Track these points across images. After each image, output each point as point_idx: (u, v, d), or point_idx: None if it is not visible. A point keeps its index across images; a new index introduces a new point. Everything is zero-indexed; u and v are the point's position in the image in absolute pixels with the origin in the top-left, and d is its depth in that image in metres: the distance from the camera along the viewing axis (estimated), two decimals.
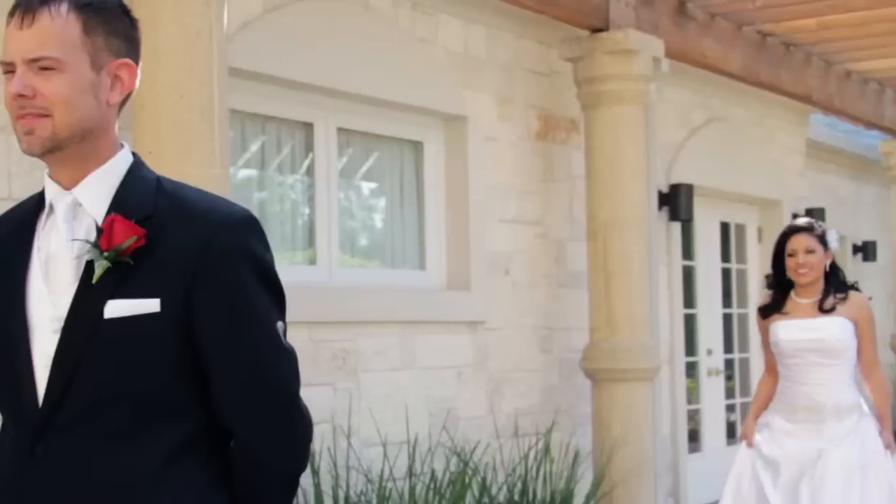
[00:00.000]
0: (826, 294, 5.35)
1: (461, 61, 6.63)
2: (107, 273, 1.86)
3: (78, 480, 1.86)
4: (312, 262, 6.00)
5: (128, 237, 1.85)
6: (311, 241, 6.03)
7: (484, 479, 5.95)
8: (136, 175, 1.96)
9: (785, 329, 5.36)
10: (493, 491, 6.11)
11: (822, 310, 5.31)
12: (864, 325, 5.33)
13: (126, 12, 1.97)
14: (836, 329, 5.28)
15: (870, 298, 5.41)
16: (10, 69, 1.89)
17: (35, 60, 1.86)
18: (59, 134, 1.88)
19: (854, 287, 5.45)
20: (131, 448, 1.86)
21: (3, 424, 2.00)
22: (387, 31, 6.16)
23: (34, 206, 1.99)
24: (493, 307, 6.67)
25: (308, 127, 6.00)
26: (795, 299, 5.40)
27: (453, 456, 6.11)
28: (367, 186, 6.51)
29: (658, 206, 7.95)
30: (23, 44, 1.87)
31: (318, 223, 6.00)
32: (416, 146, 6.61)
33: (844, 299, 5.33)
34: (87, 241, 1.88)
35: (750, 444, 5.40)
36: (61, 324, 1.88)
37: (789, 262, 5.36)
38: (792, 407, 5.34)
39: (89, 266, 1.87)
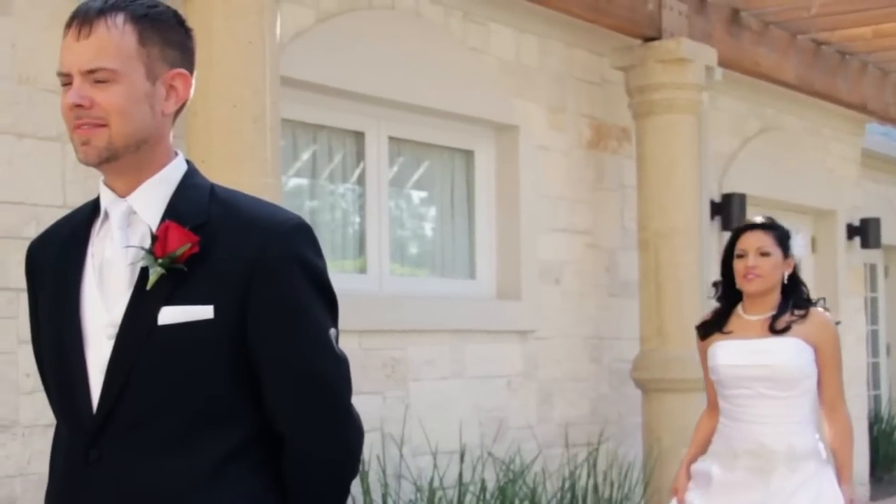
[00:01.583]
0: (781, 310, 4.20)
1: (512, 70, 6.62)
2: (161, 280, 1.87)
3: (131, 486, 1.87)
4: (363, 270, 6.02)
5: (182, 244, 1.87)
6: (361, 249, 6.05)
7: (533, 490, 5.93)
8: (190, 183, 1.98)
9: (725, 351, 4.22)
10: (543, 501, 6.09)
11: (774, 329, 4.17)
12: (827, 350, 4.18)
13: (181, 22, 1.99)
14: (789, 353, 4.13)
15: (837, 323, 4.27)
16: (67, 80, 1.91)
17: (92, 72, 1.88)
18: (115, 144, 1.90)
19: (818, 304, 4.31)
20: (184, 454, 1.88)
21: (57, 428, 2.02)
22: (438, 40, 6.18)
23: (89, 213, 2.01)
24: (543, 316, 6.65)
25: (359, 136, 6.02)
26: (742, 315, 4.27)
27: (503, 465, 6.10)
28: (417, 195, 6.52)
29: (710, 216, 7.89)
30: (80, 55, 1.89)
31: (368, 232, 6.02)
32: (467, 155, 6.61)
33: (803, 317, 4.19)
34: (142, 248, 1.90)
35: (680, 502, 4.30)
36: (116, 330, 1.89)
37: (737, 265, 4.25)
38: (732, 451, 4.20)
39: (143, 273, 1.89)
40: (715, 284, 4.41)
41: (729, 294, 4.32)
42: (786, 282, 4.25)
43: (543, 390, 6.68)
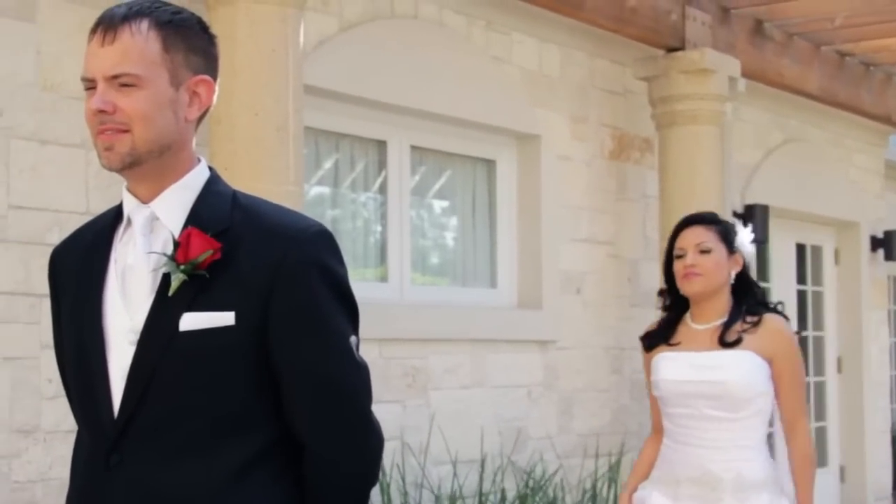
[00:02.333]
0: (732, 318, 3.70)
1: (535, 80, 6.62)
2: (183, 286, 1.88)
3: (151, 491, 1.88)
4: (384, 279, 6.02)
5: (204, 251, 1.87)
6: (382, 258, 6.05)
7: (553, 500, 5.92)
8: (213, 189, 1.98)
9: (669, 365, 3.73)
10: None
11: (724, 342, 3.66)
12: (784, 362, 3.65)
13: (205, 29, 1.99)
14: (741, 369, 3.62)
15: (798, 332, 3.97)
16: (91, 85, 1.92)
17: (115, 77, 1.89)
18: (139, 149, 1.90)
19: (775, 309, 3.80)
20: (204, 460, 1.88)
21: (78, 433, 2.02)
22: (461, 49, 6.18)
23: (112, 219, 2.01)
24: (564, 326, 6.64)
25: (381, 145, 6.03)
26: (690, 325, 3.78)
27: (523, 475, 6.09)
28: (439, 205, 6.52)
29: None
30: (104, 60, 1.89)
31: (390, 241, 6.02)
32: (489, 165, 6.61)
33: (756, 325, 3.67)
34: (164, 254, 1.90)
35: None
36: (137, 336, 1.90)
37: (676, 266, 3.76)
38: (675, 478, 3.70)
39: (166, 279, 1.90)
40: (660, 293, 3.91)
41: (676, 302, 3.83)
42: (734, 282, 3.75)
43: (564, 400, 6.66)
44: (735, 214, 7.97)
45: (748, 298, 3.75)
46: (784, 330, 3.71)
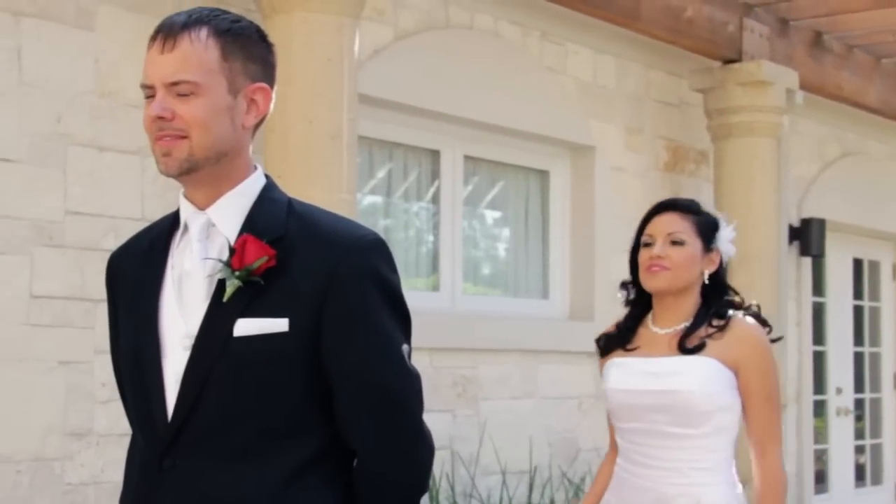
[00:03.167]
0: (697, 322, 3.14)
1: (589, 91, 6.60)
2: (238, 292, 1.88)
3: (203, 495, 1.89)
4: (435, 288, 6.01)
5: (259, 257, 1.88)
6: (434, 267, 6.05)
7: None
8: (269, 197, 1.99)
9: (619, 372, 3.19)
10: None
11: (684, 348, 3.10)
12: (752, 373, 3.07)
13: (263, 37, 2.00)
14: (698, 376, 3.06)
15: (777, 339, 3.22)
16: (150, 92, 1.93)
17: (175, 84, 1.90)
18: (196, 155, 1.91)
19: (749, 310, 3.22)
20: (256, 465, 1.88)
21: (132, 437, 2.04)
22: (516, 59, 6.17)
23: (169, 225, 2.03)
24: None
25: (435, 154, 6.04)
26: (651, 327, 3.22)
27: (573, 487, 6.05)
28: (491, 215, 6.51)
29: (788, 241, 7.78)
30: (163, 68, 1.91)
31: (442, 250, 6.02)
32: (543, 175, 6.59)
33: (722, 329, 3.11)
34: (220, 261, 1.91)
35: None
36: (192, 341, 1.91)
37: (642, 256, 3.21)
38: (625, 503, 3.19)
39: (221, 285, 1.91)
40: (623, 285, 3.32)
41: (641, 296, 3.26)
42: (706, 281, 3.20)
43: None
44: (791, 228, 7.88)
45: (717, 300, 3.20)
46: (754, 335, 3.11)
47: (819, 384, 8.53)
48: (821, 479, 8.58)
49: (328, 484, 1.92)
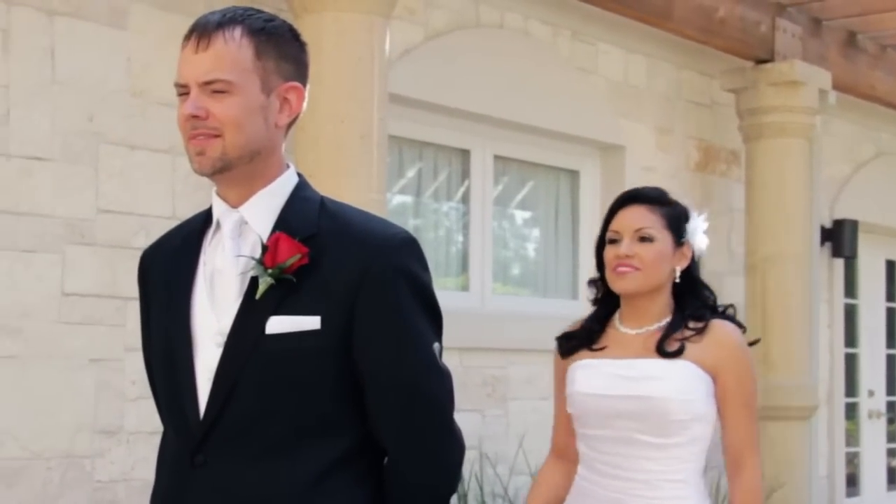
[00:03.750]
0: (675, 323, 2.92)
1: (620, 91, 6.57)
2: (270, 290, 1.89)
3: (234, 492, 1.89)
4: (465, 288, 6.01)
5: (291, 255, 1.88)
6: (464, 267, 6.04)
7: None
8: (301, 195, 1.99)
9: (587, 373, 2.95)
10: None
11: (663, 352, 2.88)
12: (730, 378, 2.87)
13: (296, 37, 2.01)
14: (678, 383, 2.84)
15: (753, 342, 3.04)
16: (184, 91, 1.94)
17: (208, 83, 1.90)
18: (229, 154, 1.92)
19: (725, 314, 3.02)
20: (286, 463, 1.88)
21: (164, 433, 2.04)
22: (546, 59, 6.16)
23: (201, 223, 2.03)
24: None
25: (465, 154, 6.03)
26: (619, 327, 3.00)
27: None
28: (521, 215, 6.50)
29: (820, 242, 7.72)
30: (197, 67, 1.91)
31: (471, 250, 6.01)
32: (573, 175, 6.58)
33: (700, 332, 2.90)
34: (252, 258, 1.91)
35: None
36: (224, 338, 1.91)
37: (607, 254, 2.97)
38: None
39: (253, 282, 1.91)
40: (591, 282, 3.10)
41: (608, 295, 3.03)
42: (677, 278, 2.98)
43: None
44: (823, 230, 7.83)
45: (693, 301, 2.98)
46: (734, 338, 2.91)
47: (851, 386, 8.47)
48: (852, 482, 8.52)
49: (358, 482, 1.92)
